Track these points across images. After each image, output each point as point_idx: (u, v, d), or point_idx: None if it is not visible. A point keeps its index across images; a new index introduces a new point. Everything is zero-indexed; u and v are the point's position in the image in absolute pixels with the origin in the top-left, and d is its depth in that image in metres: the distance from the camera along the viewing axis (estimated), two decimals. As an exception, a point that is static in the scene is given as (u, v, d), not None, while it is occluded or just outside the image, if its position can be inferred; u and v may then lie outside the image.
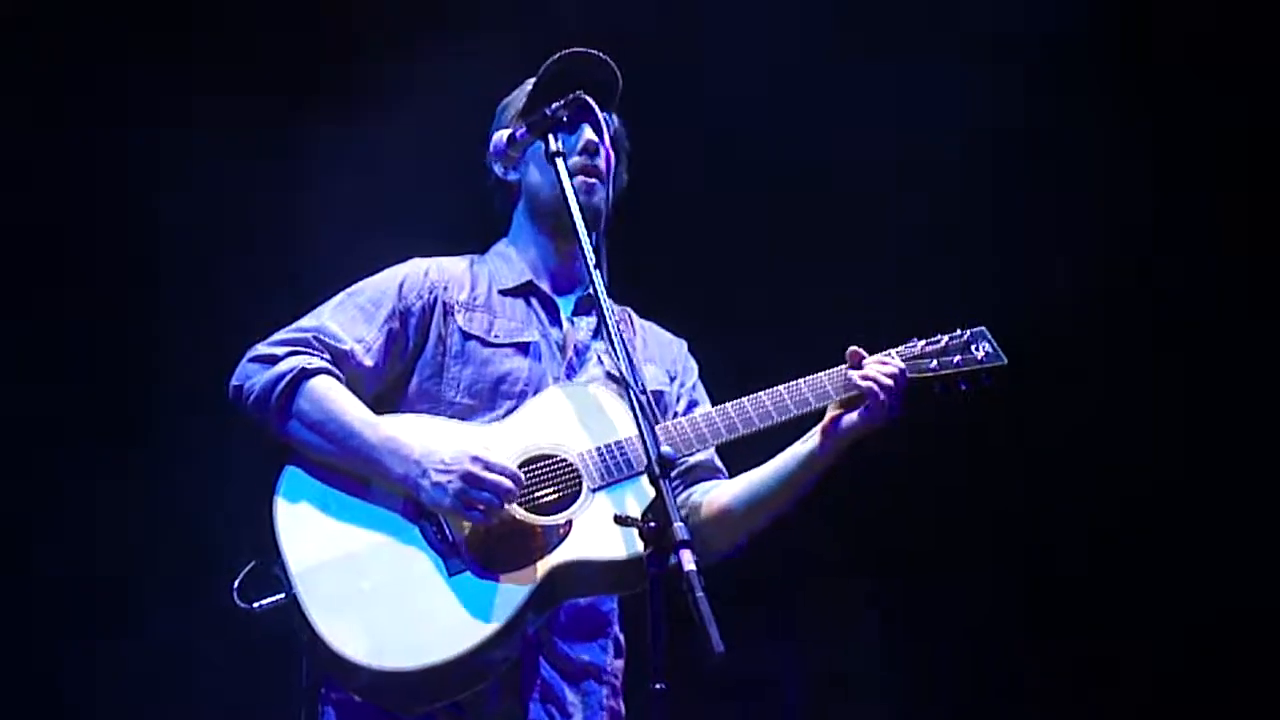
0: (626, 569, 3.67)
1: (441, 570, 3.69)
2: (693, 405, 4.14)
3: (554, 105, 3.72)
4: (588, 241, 3.56)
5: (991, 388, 3.92)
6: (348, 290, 3.99)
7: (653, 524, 3.26)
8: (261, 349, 3.87)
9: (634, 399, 3.39)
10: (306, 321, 3.92)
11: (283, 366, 3.82)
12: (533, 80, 4.01)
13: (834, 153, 5.93)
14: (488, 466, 3.67)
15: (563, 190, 3.65)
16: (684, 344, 4.27)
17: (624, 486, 3.74)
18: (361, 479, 3.78)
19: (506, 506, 3.68)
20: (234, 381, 3.86)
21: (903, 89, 5.97)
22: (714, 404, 4.05)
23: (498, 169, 4.10)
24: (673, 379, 4.16)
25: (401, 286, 3.98)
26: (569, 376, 3.98)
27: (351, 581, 3.67)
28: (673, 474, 3.71)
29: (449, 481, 3.66)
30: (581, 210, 3.63)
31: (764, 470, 4.00)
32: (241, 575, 3.69)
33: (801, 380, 3.90)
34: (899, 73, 5.95)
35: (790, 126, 5.98)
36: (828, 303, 5.95)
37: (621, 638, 3.98)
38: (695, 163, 5.97)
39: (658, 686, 3.16)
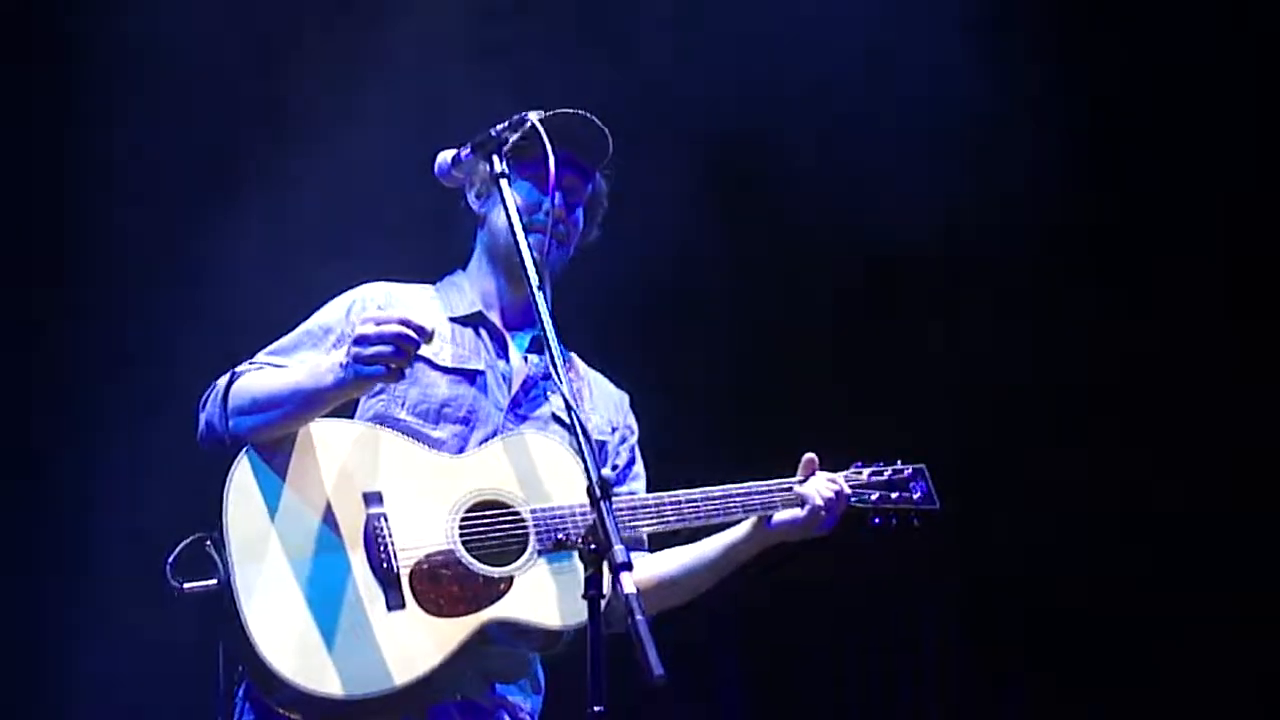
0: (558, 638, 3.77)
1: (380, 602, 3.66)
2: (631, 462, 4.16)
3: (499, 127, 3.69)
4: (537, 289, 3.52)
5: (917, 529, 4.19)
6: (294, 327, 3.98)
7: (593, 546, 3.24)
8: (204, 394, 3.87)
9: (576, 420, 3.37)
10: (254, 356, 3.93)
11: (217, 384, 3.82)
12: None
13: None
14: (377, 322, 3.59)
15: (512, 231, 3.60)
16: (626, 397, 4.27)
17: (569, 555, 3.71)
18: (318, 484, 3.72)
19: (410, 368, 3.64)
20: (196, 430, 3.86)
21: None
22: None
23: (470, 195, 4.08)
24: (614, 430, 4.16)
25: (350, 309, 3.96)
26: (513, 410, 3.96)
27: (291, 591, 3.62)
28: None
29: (367, 349, 3.56)
30: (533, 261, 3.59)
31: (688, 552, 4.08)
32: (177, 550, 3.63)
33: (752, 486, 4.01)
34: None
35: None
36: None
37: (541, 676, 3.95)
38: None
39: (596, 709, 3.14)
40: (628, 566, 3.14)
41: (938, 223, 6.20)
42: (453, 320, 4.03)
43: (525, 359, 4.04)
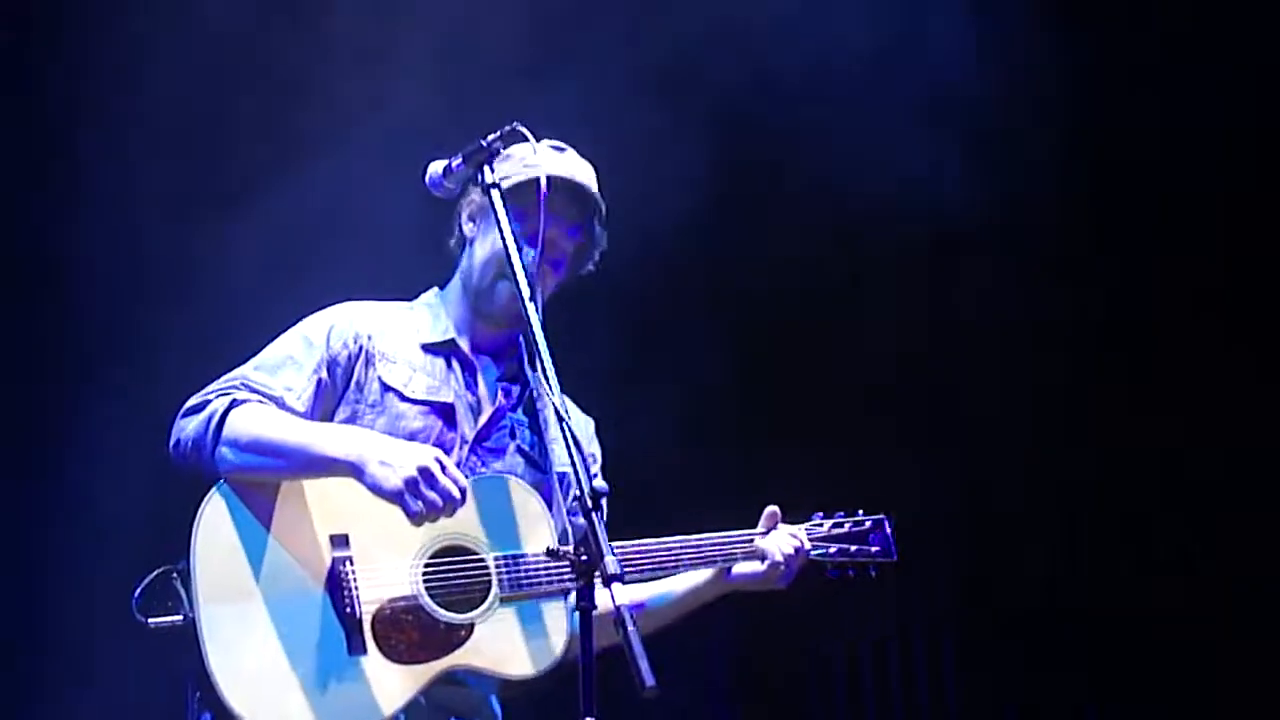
0: (518, 686, 3.78)
1: (342, 646, 3.67)
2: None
3: (490, 137, 3.69)
4: (528, 299, 3.52)
5: (875, 579, 4.26)
6: (276, 340, 3.95)
7: (584, 557, 3.26)
8: (192, 401, 3.83)
9: (566, 431, 3.38)
10: (235, 372, 3.88)
11: (213, 406, 3.78)
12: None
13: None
14: (446, 469, 3.63)
15: (504, 241, 3.60)
16: (592, 423, 4.25)
17: (531, 603, 3.76)
18: (287, 524, 3.72)
19: (440, 520, 3.64)
20: (170, 440, 3.83)
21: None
22: None
23: (462, 216, 4.06)
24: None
25: (330, 335, 3.93)
26: (479, 443, 3.95)
27: (254, 632, 3.63)
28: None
29: (401, 465, 3.61)
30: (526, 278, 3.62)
31: (648, 590, 4.09)
32: (144, 583, 3.65)
33: (713, 537, 4.06)
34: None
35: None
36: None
37: (497, 710, 3.94)
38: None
39: (589, 720, 3.17)
40: (619, 578, 3.16)
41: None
42: (425, 348, 4.01)
43: (496, 390, 4.03)
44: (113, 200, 5.58)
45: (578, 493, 3.89)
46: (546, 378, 3.44)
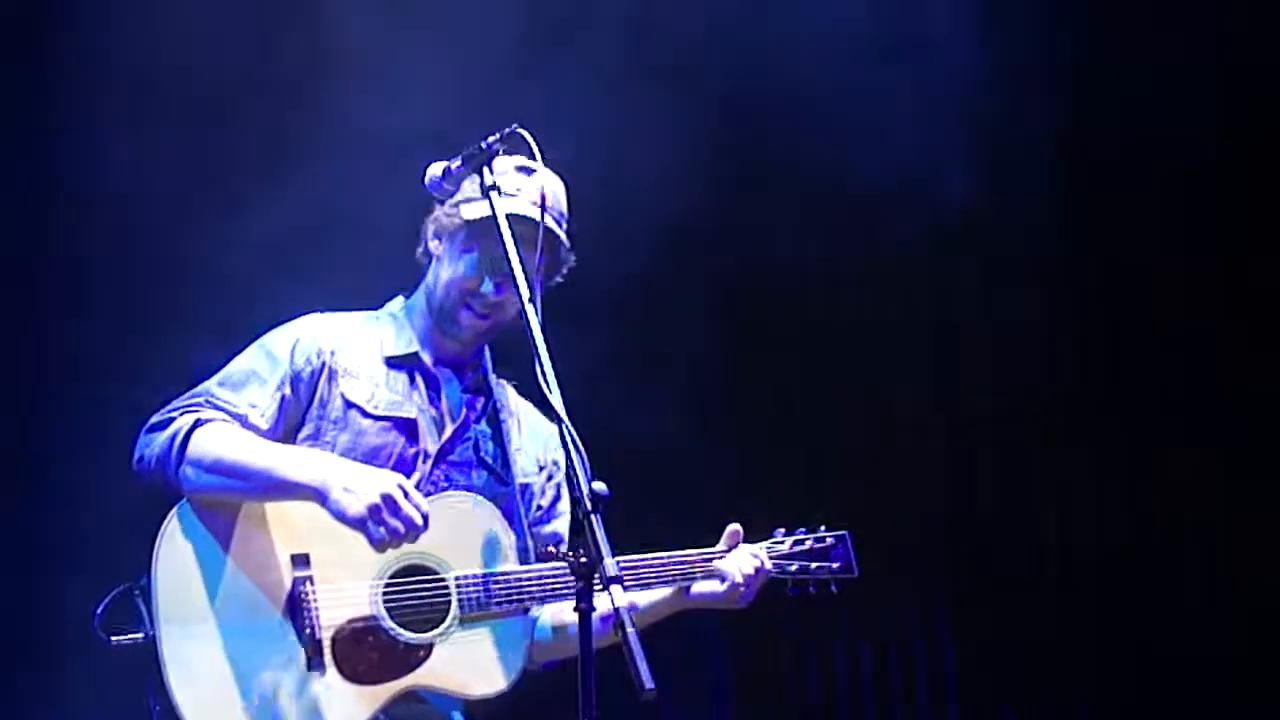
0: (477, 705, 3.81)
1: (302, 667, 3.70)
2: (557, 499, 4.14)
3: (490, 140, 3.69)
4: (527, 301, 3.52)
5: (835, 594, 4.22)
6: (240, 355, 3.96)
7: (584, 560, 3.26)
8: (156, 418, 3.86)
9: (568, 434, 3.38)
10: (199, 388, 3.90)
11: (177, 424, 3.80)
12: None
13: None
14: (409, 495, 3.66)
15: (502, 244, 3.57)
16: (555, 431, 4.23)
17: (490, 622, 3.79)
18: (249, 543, 3.74)
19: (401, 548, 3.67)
20: (135, 455, 3.85)
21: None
22: None
23: (429, 232, 4.05)
24: (541, 469, 4.14)
25: (293, 350, 3.94)
26: (444, 456, 3.96)
27: (214, 653, 3.66)
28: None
29: (364, 492, 3.64)
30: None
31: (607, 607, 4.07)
32: (106, 601, 3.68)
33: (674, 555, 4.02)
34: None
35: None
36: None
37: None
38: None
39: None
40: (619, 580, 3.16)
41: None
42: (388, 361, 4.01)
43: (459, 403, 4.04)
44: (113, 200, 5.57)
45: (540, 502, 3.96)
46: (546, 380, 3.43)
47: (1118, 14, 6.24)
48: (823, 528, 4.26)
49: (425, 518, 3.66)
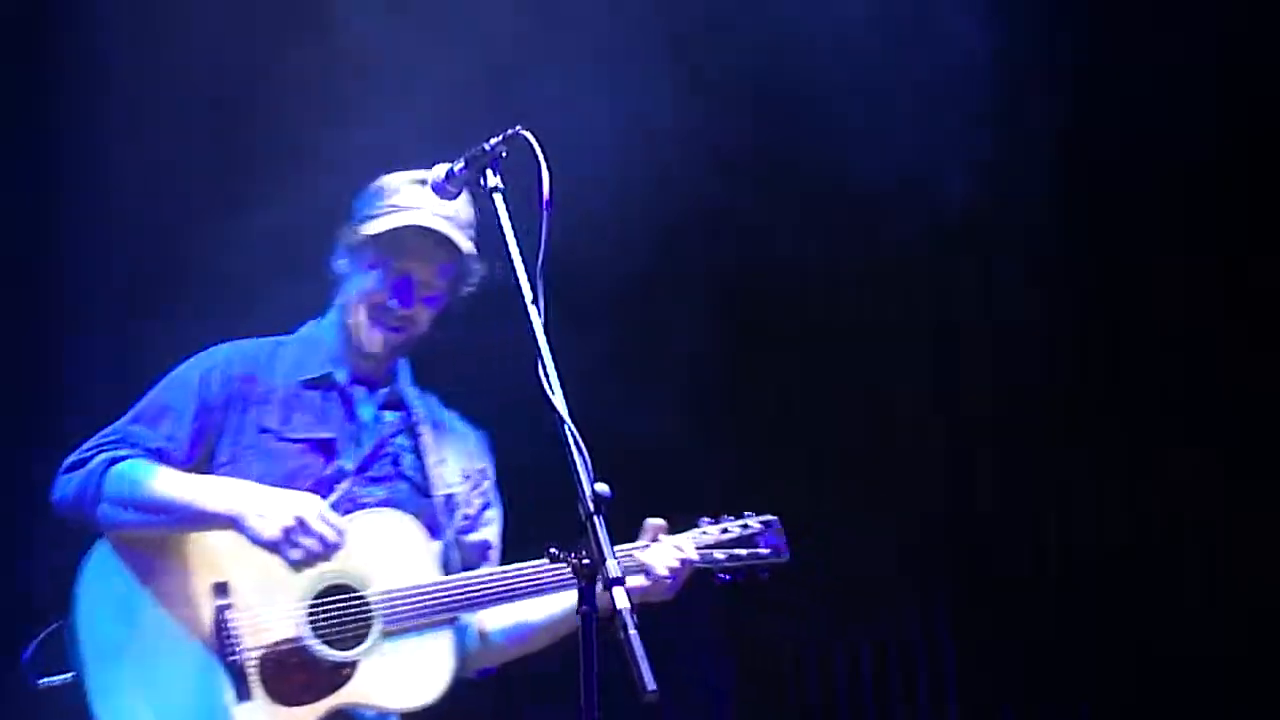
0: (409, 718, 3.82)
1: (230, 694, 3.71)
2: (485, 507, 4.16)
3: (493, 141, 3.68)
4: (530, 302, 3.47)
5: (765, 581, 4.16)
6: (153, 390, 3.99)
7: (586, 561, 3.26)
8: (72, 457, 3.89)
9: (570, 434, 3.36)
10: (114, 425, 3.93)
11: (93, 463, 3.84)
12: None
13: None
14: (322, 514, 3.70)
15: (505, 244, 3.52)
16: (483, 437, 4.27)
17: (415, 634, 3.80)
18: (170, 575, 3.75)
19: (320, 566, 3.69)
20: (53, 498, 3.87)
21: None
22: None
23: (338, 250, 4.09)
24: (466, 478, 4.15)
25: (206, 380, 3.97)
26: (362, 472, 3.98)
27: (142, 687, 3.68)
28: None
29: (277, 515, 3.68)
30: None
31: (534, 612, 4.06)
32: (35, 643, 3.69)
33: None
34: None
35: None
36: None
37: None
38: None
39: (591, 723, 3.17)
40: (620, 581, 3.13)
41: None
42: (303, 383, 4.04)
43: (376, 419, 4.06)
44: (113, 200, 5.57)
45: (467, 511, 3.95)
46: (549, 382, 3.42)
47: (1118, 14, 6.23)
48: (750, 513, 4.20)
49: (341, 534, 3.70)
